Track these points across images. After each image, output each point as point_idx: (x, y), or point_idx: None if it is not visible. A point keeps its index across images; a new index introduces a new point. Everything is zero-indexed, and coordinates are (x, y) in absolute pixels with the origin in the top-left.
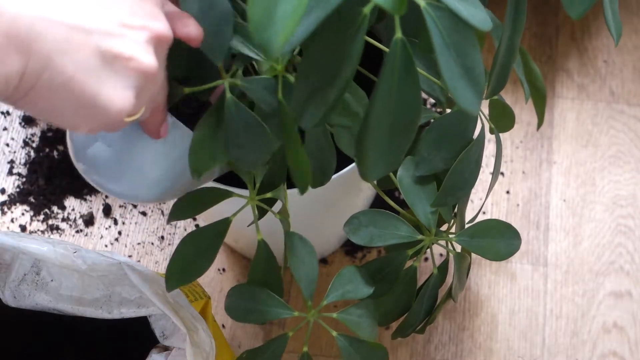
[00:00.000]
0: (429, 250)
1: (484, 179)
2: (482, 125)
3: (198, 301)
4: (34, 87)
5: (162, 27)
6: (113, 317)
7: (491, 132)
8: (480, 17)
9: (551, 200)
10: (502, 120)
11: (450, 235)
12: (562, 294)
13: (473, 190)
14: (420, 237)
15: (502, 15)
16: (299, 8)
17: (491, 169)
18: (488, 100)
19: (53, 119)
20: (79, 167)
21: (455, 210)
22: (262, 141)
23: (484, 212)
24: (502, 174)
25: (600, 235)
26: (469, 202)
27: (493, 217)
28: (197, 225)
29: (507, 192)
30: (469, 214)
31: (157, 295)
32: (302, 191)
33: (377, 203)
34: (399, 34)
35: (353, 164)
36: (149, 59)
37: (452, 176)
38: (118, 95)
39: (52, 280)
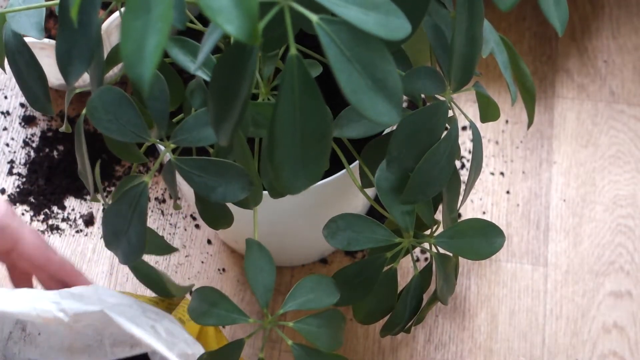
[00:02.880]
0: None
1: (484, 179)
2: (455, 120)
3: None
4: None
5: None
6: None
7: (470, 126)
8: (393, 26)
9: (551, 200)
10: (488, 111)
11: (432, 238)
12: (562, 294)
13: (473, 190)
14: (397, 240)
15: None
16: (160, 44)
17: (491, 169)
18: (473, 95)
19: None
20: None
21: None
22: (227, 169)
23: (484, 212)
24: (502, 174)
25: (600, 235)
26: (469, 202)
27: (493, 218)
28: (197, 226)
29: (507, 192)
30: (469, 214)
31: (148, 334)
32: (255, 202)
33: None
34: (293, 51)
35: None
36: None
37: (420, 173)
38: None
39: (39, 334)
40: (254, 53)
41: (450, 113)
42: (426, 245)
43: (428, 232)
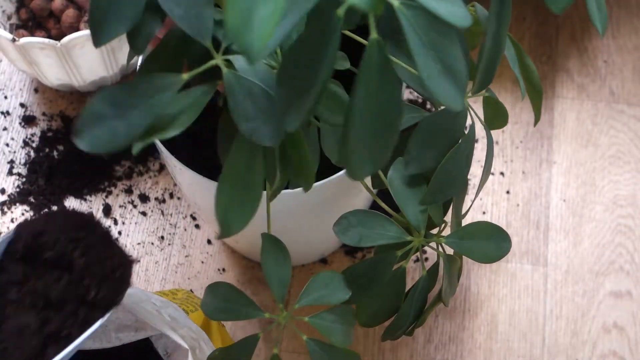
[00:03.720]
0: (427, 252)
1: None
2: (472, 122)
3: (198, 311)
4: None
5: None
6: (113, 345)
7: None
8: (458, 14)
9: (551, 200)
10: (496, 117)
11: (441, 238)
12: (562, 294)
13: (473, 191)
14: (409, 238)
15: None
16: (276, 11)
17: (491, 169)
18: (482, 98)
19: None
20: None
21: (450, 212)
22: (271, 109)
23: (484, 212)
24: (502, 174)
25: (600, 235)
26: (469, 202)
27: (493, 218)
28: (197, 226)
29: (507, 192)
30: (469, 215)
31: (152, 317)
32: (307, 188)
33: (377, 203)
34: (374, 35)
35: None
36: None
37: (440, 174)
38: None
39: None
40: (337, 31)
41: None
42: (432, 245)
43: (435, 231)
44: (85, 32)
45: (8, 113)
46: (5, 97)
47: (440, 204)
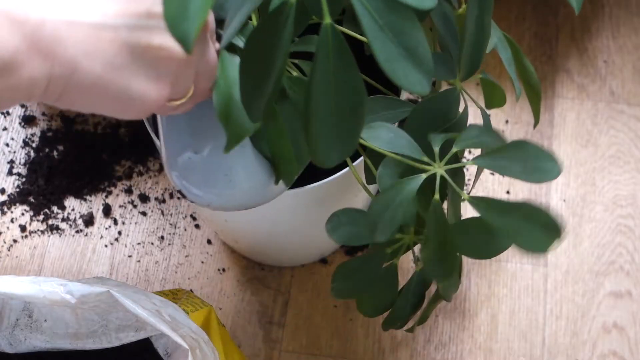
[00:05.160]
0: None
1: (484, 179)
2: (465, 105)
3: (199, 311)
4: (65, 89)
5: None
6: (113, 345)
7: (481, 111)
8: None
9: (551, 200)
10: (494, 97)
11: None
12: (562, 294)
13: (473, 191)
14: (399, 235)
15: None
16: (207, 1)
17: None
18: (478, 81)
19: (96, 111)
20: (172, 175)
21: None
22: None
23: None
24: None
25: (600, 235)
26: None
27: None
28: (197, 226)
29: (507, 192)
30: (469, 215)
31: (153, 316)
32: (289, 182)
33: None
34: (327, 20)
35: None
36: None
37: None
38: (151, 86)
39: (45, 321)
40: (289, 21)
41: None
42: None
43: None
44: None
45: (8, 113)
46: None
47: None
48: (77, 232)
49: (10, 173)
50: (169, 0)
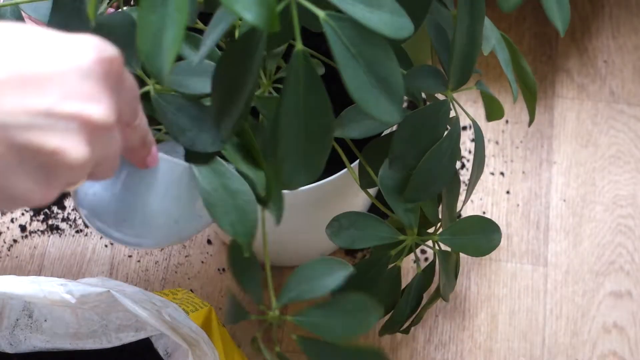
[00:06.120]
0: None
1: (484, 179)
2: (456, 116)
3: (198, 311)
4: None
5: (98, 112)
6: (113, 345)
7: (473, 124)
8: (396, 25)
9: (551, 200)
10: (492, 110)
11: (435, 235)
12: (562, 294)
13: (473, 190)
14: (402, 237)
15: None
16: (178, 36)
17: (491, 169)
18: (473, 95)
19: None
20: (81, 212)
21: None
22: (205, 117)
23: (484, 212)
24: (502, 174)
25: (600, 235)
26: (469, 202)
27: (493, 217)
28: None
29: (507, 192)
30: (469, 215)
31: (152, 316)
32: (277, 205)
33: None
34: (299, 46)
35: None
36: (77, 151)
37: (421, 172)
38: (37, 189)
39: (45, 321)
40: (260, 46)
41: (452, 113)
42: (428, 243)
43: (432, 230)
44: None
45: None
46: None
47: (434, 201)
48: (77, 232)
49: None
50: (143, 38)
